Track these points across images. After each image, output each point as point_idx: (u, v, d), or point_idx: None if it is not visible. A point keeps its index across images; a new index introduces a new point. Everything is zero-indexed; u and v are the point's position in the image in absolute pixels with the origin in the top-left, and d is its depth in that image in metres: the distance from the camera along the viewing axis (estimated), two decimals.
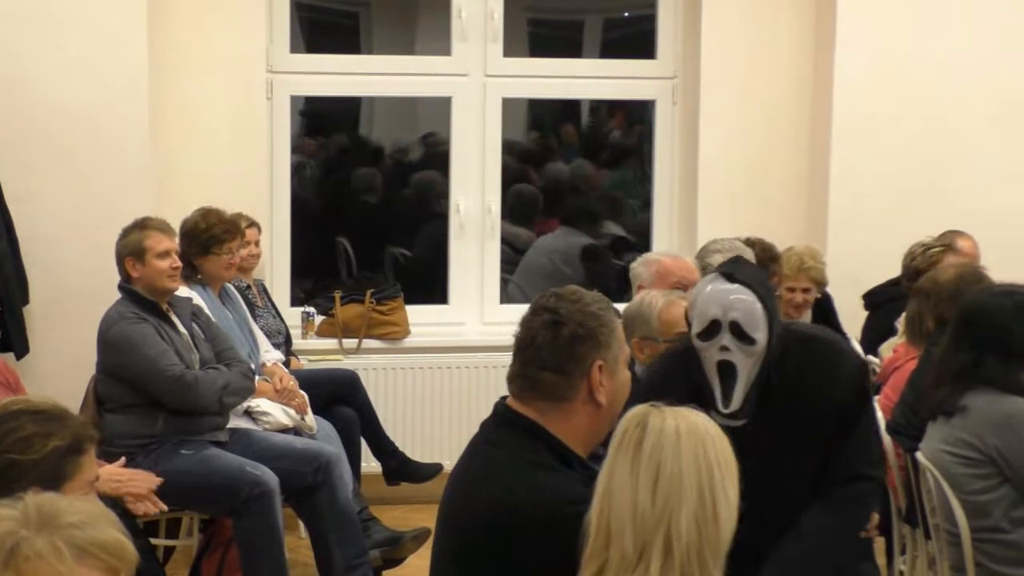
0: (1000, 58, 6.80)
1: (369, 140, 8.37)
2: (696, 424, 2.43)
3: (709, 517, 2.36)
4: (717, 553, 2.37)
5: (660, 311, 4.31)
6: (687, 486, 2.36)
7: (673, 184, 7.19)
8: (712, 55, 6.92)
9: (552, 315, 2.84)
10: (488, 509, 2.75)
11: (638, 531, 2.35)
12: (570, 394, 2.83)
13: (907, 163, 6.78)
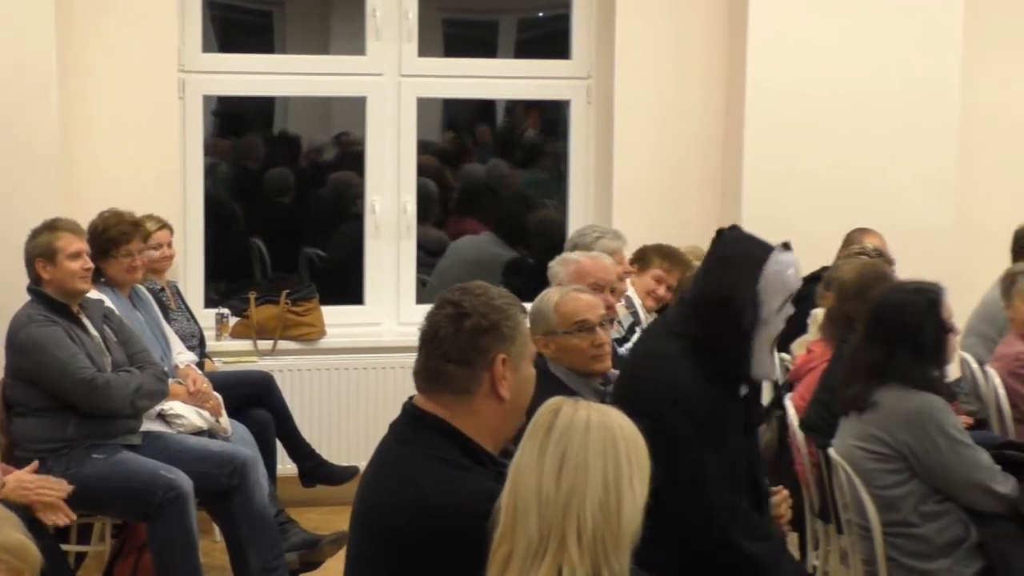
0: (910, 57, 6.88)
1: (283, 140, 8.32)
2: (610, 419, 2.44)
3: (613, 508, 2.37)
4: (619, 545, 2.38)
5: (556, 304, 4.34)
6: (592, 475, 2.37)
7: (588, 183, 7.22)
8: (626, 55, 6.95)
9: (456, 308, 2.84)
10: (400, 510, 2.74)
11: (542, 516, 2.36)
12: (473, 386, 2.82)
13: (819, 162, 6.85)
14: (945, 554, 4.17)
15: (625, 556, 2.39)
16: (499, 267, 7.53)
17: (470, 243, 7.76)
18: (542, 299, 4.43)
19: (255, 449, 5.62)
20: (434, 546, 2.68)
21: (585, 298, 4.43)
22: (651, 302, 6.11)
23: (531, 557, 2.36)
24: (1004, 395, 5.48)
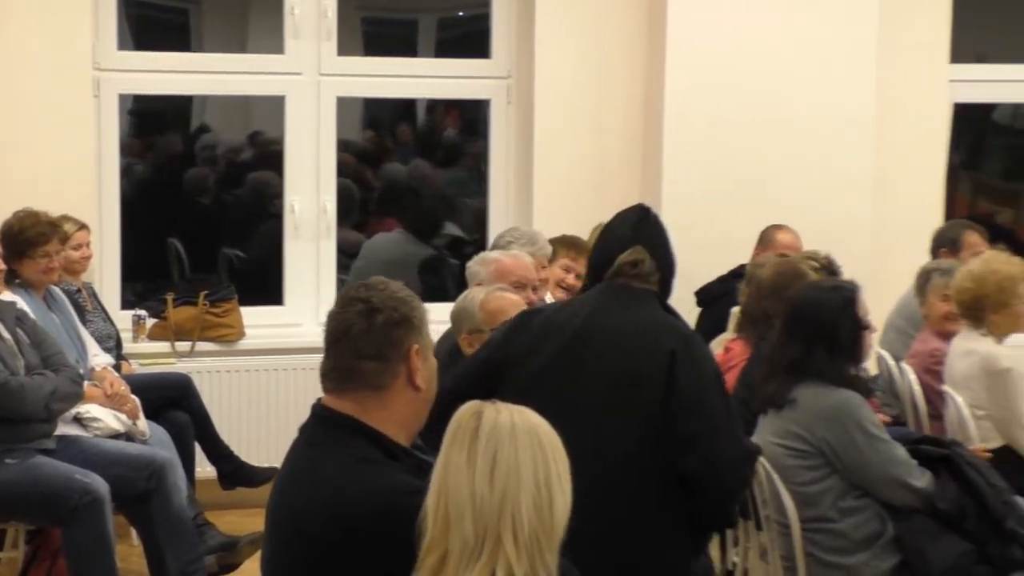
0: (827, 56, 6.94)
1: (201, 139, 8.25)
2: (530, 418, 2.46)
3: (545, 505, 2.39)
4: (552, 542, 2.40)
5: (482, 303, 4.34)
6: (524, 474, 2.38)
7: (508, 183, 7.22)
8: (546, 54, 6.95)
9: (366, 304, 2.83)
10: (315, 513, 2.71)
11: (478, 518, 2.36)
12: (388, 380, 2.81)
13: (738, 159, 6.89)
14: (863, 549, 4.21)
15: (556, 552, 2.40)
16: (415, 265, 7.51)
17: (384, 242, 7.74)
18: (466, 297, 4.43)
19: (173, 452, 5.57)
20: (352, 547, 2.66)
21: (510, 296, 4.44)
22: (561, 293, 6.11)
23: (466, 560, 2.36)
24: (919, 391, 5.55)
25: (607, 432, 3.54)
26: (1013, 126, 8.92)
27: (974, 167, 8.66)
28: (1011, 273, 5.31)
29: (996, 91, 7.94)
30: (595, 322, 3.67)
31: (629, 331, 3.64)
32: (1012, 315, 5.30)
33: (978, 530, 4.23)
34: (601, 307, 3.70)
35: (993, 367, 5.19)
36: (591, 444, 3.44)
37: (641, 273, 3.70)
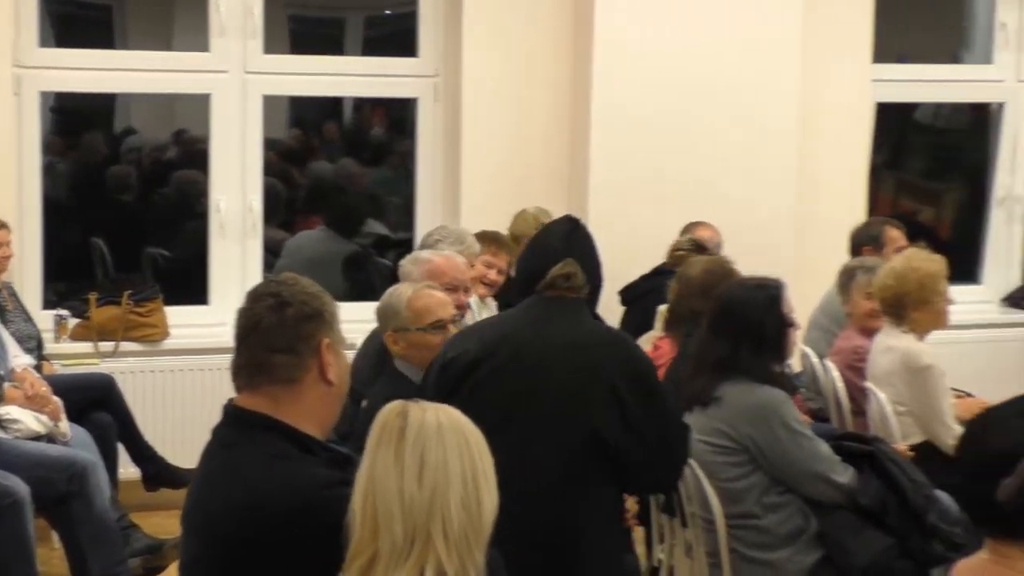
0: (751, 56, 6.99)
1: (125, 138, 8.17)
2: (455, 417, 2.47)
3: (474, 502, 2.39)
4: (480, 537, 2.41)
5: (409, 300, 4.33)
6: (453, 472, 2.39)
7: (435, 181, 7.21)
8: (473, 53, 6.95)
9: (276, 298, 2.82)
10: (231, 513, 2.68)
11: (408, 517, 2.36)
12: (300, 374, 2.79)
13: (663, 158, 6.93)
14: (786, 544, 4.25)
15: (484, 548, 2.41)
16: (339, 262, 7.48)
17: (307, 240, 7.70)
18: (392, 295, 4.41)
19: (96, 453, 5.51)
20: (270, 545, 2.63)
21: (438, 295, 4.44)
22: (482, 290, 6.12)
23: (396, 559, 2.36)
24: (843, 388, 5.60)
25: (548, 442, 3.69)
26: (934, 125, 9.04)
27: (896, 166, 8.76)
28: (932, 271, 5.37)
29: (917, 91, 8.04)
30: (531, 336, 3.84)
31: (565, 343, 3.80)
32: (933, 312, 5.37)
33: (900, 525, 4.28)
34: (536, 320, 3.87)
35: (914, 364, 5.25)
36: (532, 453, 3.65)
37: (574, 286, 3.86)
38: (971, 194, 8.48)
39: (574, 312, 3.88)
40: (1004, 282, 8.04)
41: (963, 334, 7.17)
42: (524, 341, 3.83)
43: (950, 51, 8.71)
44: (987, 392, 5.96)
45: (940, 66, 8.14)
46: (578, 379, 3.73)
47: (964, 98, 8.30)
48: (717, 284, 4.82)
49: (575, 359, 3.76)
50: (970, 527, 4.02)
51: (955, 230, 8.71)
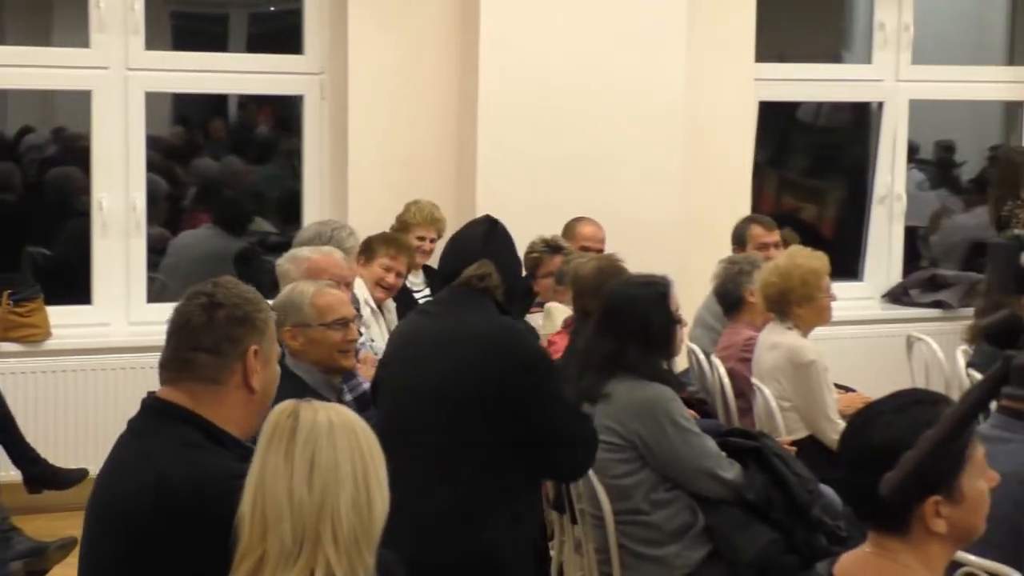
0: (636, 54, 7.04)
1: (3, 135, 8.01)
2: (347, 417, 2.46)
3: (364, 504, 2.39)
4: (371, 539, 2.40)
5: (312, 297, 4.29)
6: (343, 473, 2.38)
7: (323, 179, 7.16)
8: (359, 50, 6.91)
9: (209, 298, 2.85)
10: (139, 498, 2.70)
11: (296, 521, 2.34)
12: (224, 376, 2.82)
13: (551, 156, 6.95)
14: (674, 540, 4.28)
15: (374, 550, 2.40)
16: (227, 260, 7.41)
17: (194, 238, 7.61)
18: (293, 291, 4.37)
19: None
20: (175, 531, 2.65)
21: (338, 294, 4.45)
22: (381, 293, 6.09)
23: (284, 562, 2.34)
24: (728, 384, 5.66)
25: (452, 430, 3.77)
26: (816, 124, 9.19)
27: (779, 164, 8.89)
28: (814, 267, 5.45)
29: (799, 90, 8.16)
30: (438, 328, 3.96)
31: (467, 335, 3.87)
32: (816, 308, 5.45)
33: (785, 519, 4.34)
34: (443, 313, 4.00)
35: (798, 359, 5.33)
36: (436, 440, 3.76)
37: (488, 286, 3.94)
38: (852, 192, 8.63)
39: (479, 304, 3.93)
40: (885, 279, 8.18)
41: (845, 330, 7.30)
42: (412, 333, 4.03)
43: (831, 51, 8.86)
44: (869, 387, 6.07)
45: (821, 65, 8.27)
46: (456, 374, 3.79)
47: (844, 97, 8.44)
48: (608, 282, 4.84)
49: (458, 352, 3.82)
50: (853, 521, 4.09)
51: (837, 227, 8.85)
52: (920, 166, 9.24)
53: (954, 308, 7.80)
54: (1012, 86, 8.38)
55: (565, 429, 3.89)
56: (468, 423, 3.77)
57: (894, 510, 2.43)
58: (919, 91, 8.12)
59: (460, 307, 3.96)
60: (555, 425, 3.85)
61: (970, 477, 2.47)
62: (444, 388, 3.80)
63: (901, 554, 2.46)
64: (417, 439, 3.77)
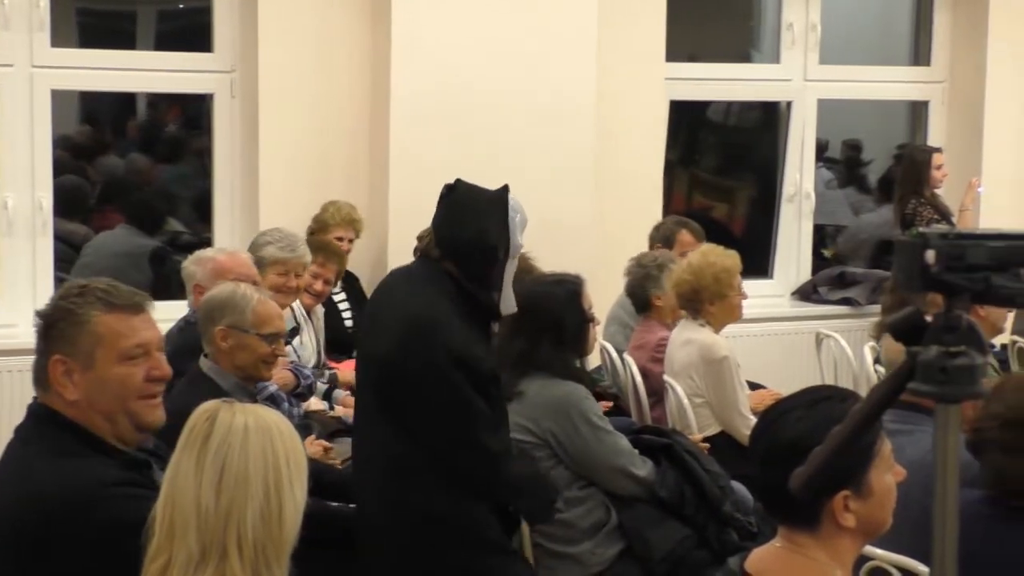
0: (549, 56, 7.05)
1: None
2: (266, 420, 2.41)
3: (274, 515, 2.35)
4: (281, 552, 2.36)
5: (256, 304, 4.23)
6: (253, 483, 2.33)
7: (234, 178, 7.10)
8: (270, 48, 6.86)
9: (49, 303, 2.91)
10: (17, 505, 2.69)
11: (202, 530, 2.31)
12: (46, 385, 2.84)
13: (464, 156, 6.93)
14: (588, 537, 4.30)
15: (286, 561, 2.36)
16: (144, 257, 7.33)
17: (110, 238, 7.52)
18: (236, 292, 4.30)
19: None
20: (52, 540, 2.64)
21: (277, 307, 4.42)
22: (308, 299, 6.04)
23: (191, 568, 2.30)
24: (641, 381, 5.69)
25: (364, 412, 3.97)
26: (725, 124, 9.26)
27: (690, 163, 8.95)
28: (727, 265, 5.50)
29: (709, 89, 8.22)
30: (381, 301, 4.05)
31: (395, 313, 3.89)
32: (728, 306, 5.51)
33: (696, 515, 4.38)
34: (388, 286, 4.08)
35: (711, 356, 5.38)
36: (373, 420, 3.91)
37: (425, 249, 3.99)
38: (762, 191, 8.71)
39: (419, 279, 3.96)
40: (794, 276, 8.27)
41: (756, 327, 7.37)
42: (376, 306, 4.13)
43: (741, 51, 8.94)
44: (779, 383, 6.15)
45: (731, 65, 8.34)
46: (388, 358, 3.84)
47: (754, 97, 8.51)
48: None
49: (403, 337, 3.83)
50: (764, 516, 4.14)
51: (747, 226, 8.93)
52: (828, 165, 9.36)
53: (862, 305, 7.90)
54: (917, 86, 8.52)
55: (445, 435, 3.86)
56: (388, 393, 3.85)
57: (805, 505, 2.46)
58: (827, 91, 8.22)
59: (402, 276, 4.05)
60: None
61: (878, 472, 2.50)
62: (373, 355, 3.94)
63: (811, 549, 2.49)
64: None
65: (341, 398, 5.91)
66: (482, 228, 3.87)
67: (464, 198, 3.96)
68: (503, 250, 3.88)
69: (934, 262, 1.83)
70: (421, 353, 3.77)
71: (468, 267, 3.87)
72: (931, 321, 1.83)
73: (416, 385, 3.77)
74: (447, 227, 3.93)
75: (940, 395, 1.81)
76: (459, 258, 3.88)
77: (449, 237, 3.91)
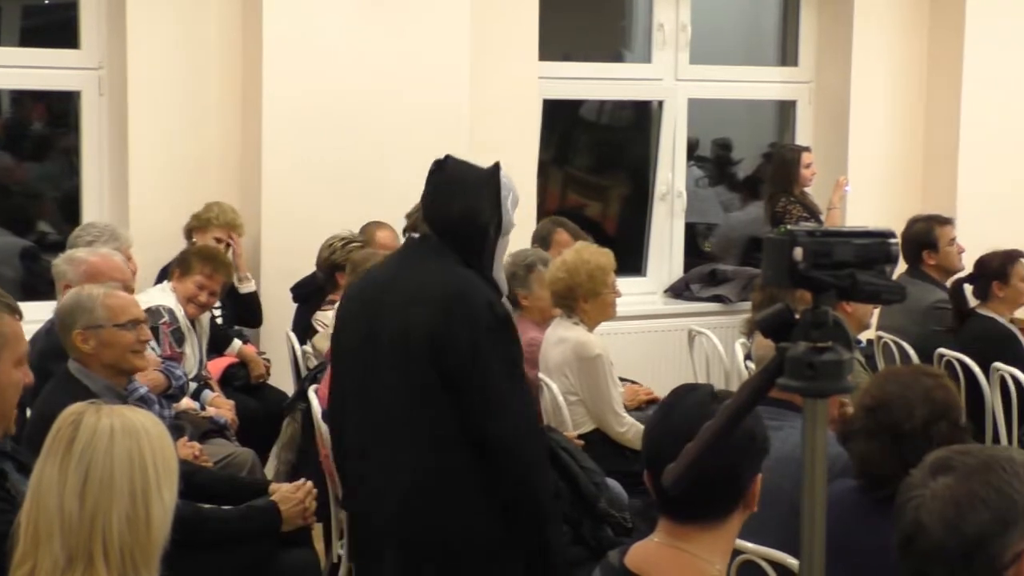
0: (421, 54, 7.05)
1: None
2: (133, 422, 2.38)
3: (141, 519, 2.32)
4: (148, 556, 2.33)
5: (103, 298, 4.23)
6: (118, 488, 2.30)
7: (103, 176, 6.98)
8: (139, 45, 6.76)
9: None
10: None
11: (67, 536, 2.28)
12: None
13: (338, 155, 6.90)
14: None
15: (155, 564, 2.33)
16: (15, 257, 7.18)
17: None
18: (81, 294, 4.28)
19: None
20: None
21: (127, 295, 4.38)
22: (193, 309, 5.95)
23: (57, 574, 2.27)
24: None
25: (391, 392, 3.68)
26: (598, 122, 9.32)
27: (564, 162, 8.98)
28: (601, 263, 5.54)
29: (582, 88, 8.27)
30: (382, 281, 3.84)
31: (404, 290, 3.72)
32: (602, 304, 5.54)
33: (572, 512, 4.40)
34: (391, 265, 3.90)
35: (585, 354, 5.41)
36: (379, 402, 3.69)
37: (413, 225, 3.79)
38: (635, 189, 8.78)
39: (422, 256, 3.81)
40: (667, 274, 8.36)
41: (629, 324, 7.44)
42: (375, 286, 3.87)
43: (613, 50, 9.00)
44: (652, 380, 6.22)
45: (603, 64, 8.39)
46: (400, 333, 3.66)
47: (626, 96, 8.57)
48: None
49: (403, 312, 3.68)
50: (639, 512, 4.19)
51: (620, 224, 8.99)
52: (699, 164, 9.46)
53: (733, 302, 8.01)
54: (785, 86, 8.66)
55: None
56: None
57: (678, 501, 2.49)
58: (697, 90, 8.32)
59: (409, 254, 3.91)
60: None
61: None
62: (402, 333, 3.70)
63: (694, 544, 2.52)
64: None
65: (211, 398, 5.85)
66: (473, 206, 3.77)
67: (454, 175, 3.86)
68: (494, 228, 3.79)
69: (802, 259, 1.86)
70: (467, 319, 3.64)
71: (460, 245, 3.77)
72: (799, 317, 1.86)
73: (467, 352, 3.61)
74: (437, 205, 3.84)
75: (808, 390, 1.84)
76: (450, 236, 3.78)
77: (439, 215, 3.81)
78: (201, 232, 6.54)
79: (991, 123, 8.28)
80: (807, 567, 1.90)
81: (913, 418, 3.13)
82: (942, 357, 5.98)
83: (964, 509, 2.11)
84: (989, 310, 6.13)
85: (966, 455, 2.19)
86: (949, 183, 8.34)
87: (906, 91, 8.45)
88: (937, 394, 3.20)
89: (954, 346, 6.01)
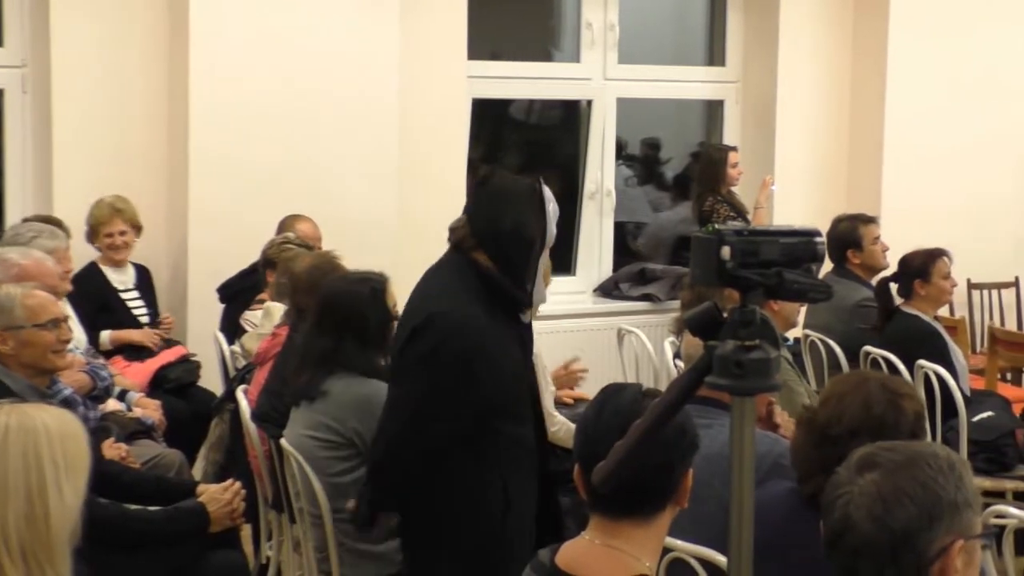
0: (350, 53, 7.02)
1: None
2: (33, 421, 2.36)
3: (40, 517, 2.30)
4: (51, 554, 2.31)
5: (22, 298, 4.21)
6: (13, 488, 2.30)
7: (26, 175, 6.90)
8: (63, 43, 6.69)
9: None
10: None
11: None
12: None
13: (266, 154, 6.86)
14: (394, 536, 4.29)
15: (64, 560, 2.32)
16: None
17: None
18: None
19: None
20: None
21: (47, 295, 4.35)
22: None
23: None
24: None
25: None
26: (527, 122, 9.33)
27: (493, 161, 8.99)
28: None
29: (511, 87, 8.27)
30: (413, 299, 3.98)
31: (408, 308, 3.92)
32: None
33: None
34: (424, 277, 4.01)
35: None
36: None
37: (457, 241, 3.90)
38: (564, 188, 8.80)
39: (439, 270, 3.96)
40: (596, 273, 8.39)
41: (559, 323, 7.46)
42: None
43: (542, 49, 9.01)
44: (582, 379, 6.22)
45: (532, 64, 8.40)
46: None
47: (555, 95, 8.59)
48: (324, 279, 4.82)
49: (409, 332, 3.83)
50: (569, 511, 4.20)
51: None
52: (628, 163, 9.50)
53: (662, 301, 8.05)
54: (712, 86, 8.71)
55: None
56: None
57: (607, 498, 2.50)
58: (625, 90, 8.35)
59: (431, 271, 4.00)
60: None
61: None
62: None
63: (625, 541, 2.54)
64: None
65: (136, 399, 5.81)
66: (521, 220, 3.80)
67: (500, 190, 3.89)
68: (540, 241, 3.83)
69: (729, 258, 1.88)
70: (421, 342, 3.77)
71: (505, 259, 3.81)
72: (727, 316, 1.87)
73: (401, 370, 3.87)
74: (485, 219, 3.86)
75: (736, 388, 1.85)
76: (497, 250, 3.81)
77: (487, 229, 3.84)
78: (100, 230, 6.51)
79: (915, 122, 8.38)
80: (735, 564, 1.92)
81: (840, 424, 3.08)
82: (868, 355, 6.04)
83: (891, 505, 2.13)
84: (913, 308, 6.20)
85: (891, 451, 2.21)
86: (873, 182, 8.43)
87: (831, 91, 8.54)
88: (877, 410, 3.09)
89: (879, 344, 6.07)
